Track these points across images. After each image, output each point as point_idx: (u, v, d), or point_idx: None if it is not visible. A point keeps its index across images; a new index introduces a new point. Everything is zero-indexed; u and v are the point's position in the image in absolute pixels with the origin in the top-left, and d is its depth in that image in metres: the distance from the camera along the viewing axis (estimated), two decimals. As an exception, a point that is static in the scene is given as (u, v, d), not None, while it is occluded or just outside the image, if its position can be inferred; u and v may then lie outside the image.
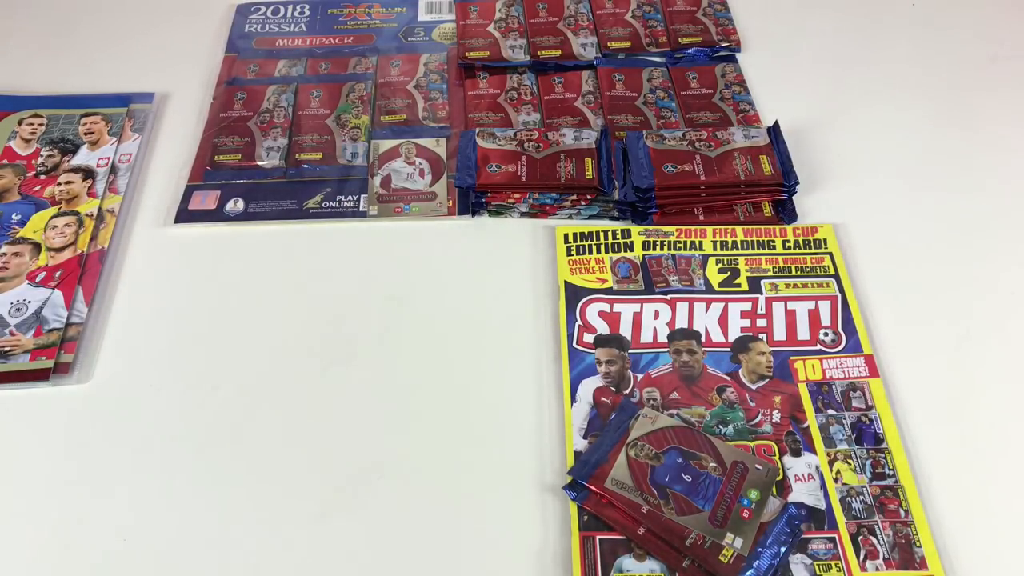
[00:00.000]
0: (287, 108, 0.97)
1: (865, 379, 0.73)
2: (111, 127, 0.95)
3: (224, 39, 1.07)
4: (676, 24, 1.05)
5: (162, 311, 0.80)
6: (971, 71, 1.00)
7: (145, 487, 0.69)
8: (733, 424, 0.70)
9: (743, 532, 0.63)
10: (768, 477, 0.67)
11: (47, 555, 0.65)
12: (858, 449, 0.69)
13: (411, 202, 0.88)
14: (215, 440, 0.71)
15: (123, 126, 0.95)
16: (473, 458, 0.69)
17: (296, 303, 0.80)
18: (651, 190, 0.84)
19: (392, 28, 1.08)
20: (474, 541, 0.65)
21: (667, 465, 0.67)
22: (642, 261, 0.81)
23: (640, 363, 0.74)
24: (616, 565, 0.63)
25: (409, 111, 0.97)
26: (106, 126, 0.95)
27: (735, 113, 0.96)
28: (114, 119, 0.96)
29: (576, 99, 0.98)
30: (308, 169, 0.91)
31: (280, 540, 0.66)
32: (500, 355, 0.76)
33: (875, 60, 1.02)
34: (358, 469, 0.69)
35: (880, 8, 1.09)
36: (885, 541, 0.64)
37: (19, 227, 0.85)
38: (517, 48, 1.03)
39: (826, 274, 0.80)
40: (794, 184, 0.84)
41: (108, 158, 0.92)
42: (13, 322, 0.77)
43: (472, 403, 0.73)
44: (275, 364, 0.76)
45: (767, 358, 0.74)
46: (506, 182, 0.85)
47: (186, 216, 0.87)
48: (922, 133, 0.94)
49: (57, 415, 0.73)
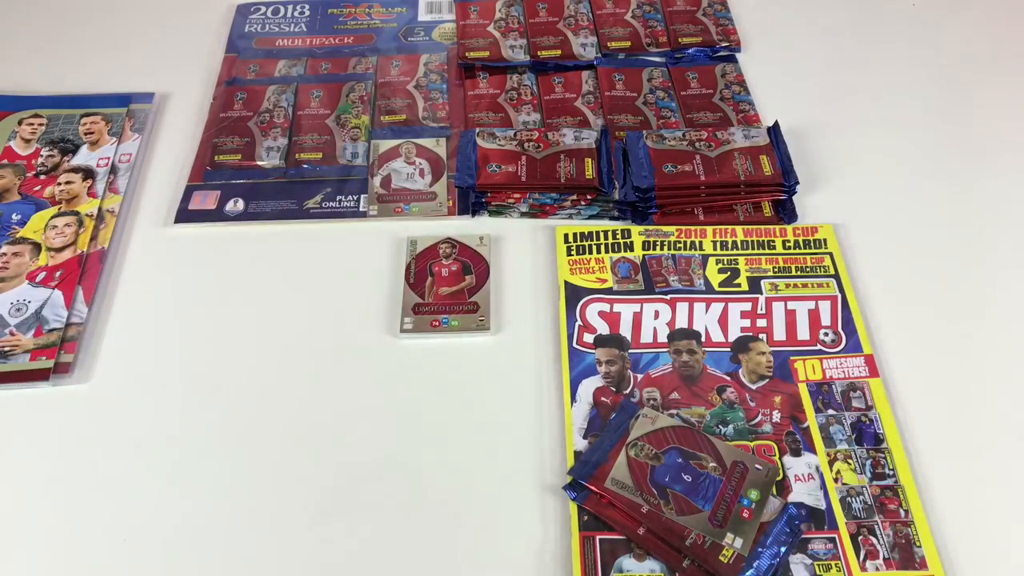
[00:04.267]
0: (287, 108, 0.97)
1: (865, 379, 0.73)
2: (111, 127, 0.95)
3: (224, 39, 1.07)
4: (676, 24, 1.05)
5: (162, 311, 0.80)
6: (971, 71, 1.00)
7: (145, 487, 0.69)
8: (733, 424, 0.70)
9: (743, 532, 0.63)
10: (768, 477, 0.67)
11: (47, 555, 0.65)
12: (858, 449, 0.69)
13: (411, 202, 0.88)
14: (215, 440, 0.71)
15: (123, 126, 0.95)
16: (473, 458, 0.70)
17: (296, 303, 0.80)
18: (651, 190, 0.84)
19: (392, 28, 1.08)
20: (474, 541, 0.65)
21: (667, 465, 0.67)
22: (642, 261, 0.81)
23: (640, 363, 0.74)
24: (616, 565, 0.63)
25: (409, 111, 0.97)
26: (106, 126, 0.95)
27: (735, 113, 0.96)
28: (114, 119, 0.96)
29: (576, 99, 0.98)
30: (308, 169, 0.91)
31: (280, 540, 0.66)
32: (500, 355, 0.76)
33: (875, 60, 1.02)
34: (358, 469, 0.69)
35: (880, 8, 1.09)
36: (885, 541, 0.64)
37: (19, 227, 0.85)
38: (517, 48, 1.03)
39: (826, 274, 0.80)
40: (794, 184, 0.84)
41: (108, 158, 0.92)
42: (13, 322, 0.77)
43: (472, 403, 0.73)
44: (275, 364, 0.76)
45: (767, 358, 0.74)
46: (506, 182, 0.85)
47: (186, 216, 0.87)
48: (922, 133, 0.94)
49: (57, 415, 0.73)
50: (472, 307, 0.78)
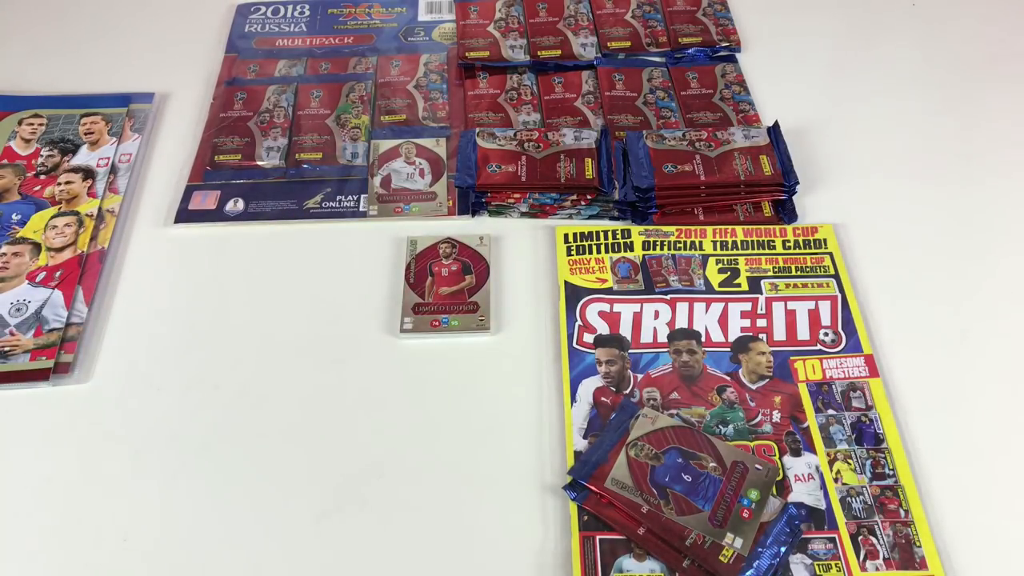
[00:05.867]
0: (287, 108, 0.97)
1: (865, 379, 0.73)
2: (111, 127, 0.95)
3: (224, 39, 1.07)
4: (676, 24, 1.05)
5: (162, 311, 0.80)
6: (971, 71, 1.00)
7: (145, 487, 0.69)
8: (733, 424, 0.70)
9: (743, 532, 0.63)
10: (768, 477, 0.67)
11: (47, 554, 0.65)
12: (858, 449, 0.69)
13: (411, 202, 0.88)
14: (215, 440, 0.71)
15: (123, 126, 0.95)
16: (473, 458, 0.70)
17: (296, 303, 0.80)
18: (651, 190, 0.84)
19: (392, 28, 1.08)
20: (474, 541, 0.65)
21: (667, 465, 0.67)
22: (642, 261, 0.81)
23: (640, 363, 0.74)
24: (616, 565, 0.63)
25: (409, 111, 0.97)
26: (106, 126, 0.95)
27: (735, 113, 0.96)
28: (114, 119, 0.96)
29: (576, 99, 0.98)
30: (308, 169, 0.91)
31: (280, 540, 0.66)
32: (500, 355, 0.76)
33: (875, 60, 1.02)
34: (358, 469, 0.69)
35: (880, 8, 1.09)
36: (885, 541, 0.64)
37: (19, 227, 0.85)
38: (517, 48, 1.03)
39: (826, 274, 0.80)
40: (794, 184, 0.84)
41: (108, 158, 0.92)
42: (13, 322, 0.77)
43: (472, 403, 0.73)
44: (275, 364, 0.76)
45: (767, 358, 0.74)
46: (506, 182, 0.85)
47: (186, 216, 0.87)
48: (922, 133, 0.94)
49: (57, 415, 0.73)
50: (472, 307, 0.78)
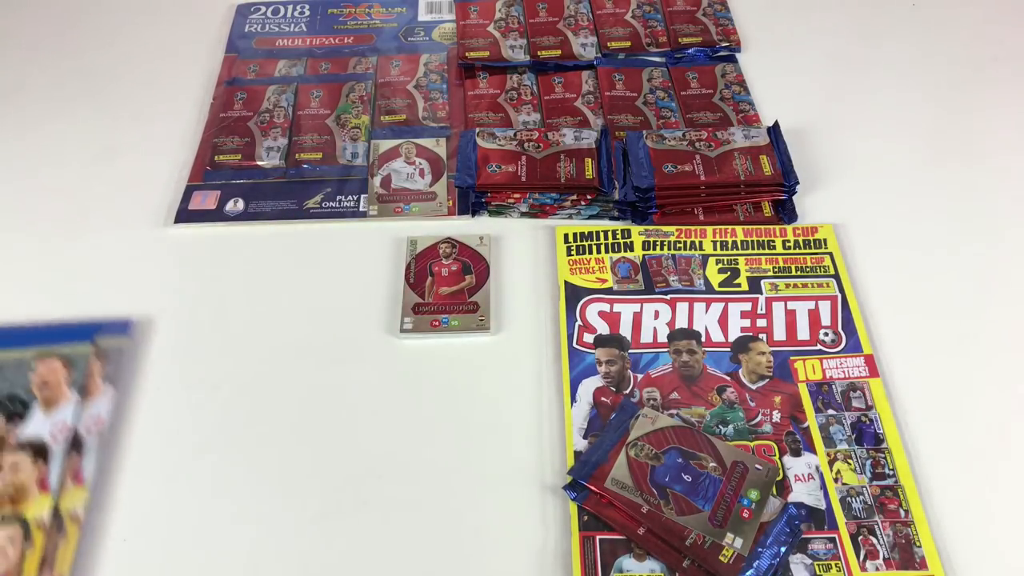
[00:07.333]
0: (287, 108, 0.97)
1: (865, 379, 0.73)
2: (72, 375, 0.68)
3: (224, 39, 1.07)
4: (676, 24, 1.05)
5: (162, 311, 0.80)
6: (971, 71, 1.00)
7: (145, 487, 0.68)
8: (733, 424, 0.70)
9: (743, 532, 0.63)
10: (768, 477, 0.67)
11: (47, 555, 0.65)
12: (858, 449, 0.69)
13: (411, 202, 0.88)
14: (215, 439, 0.71)
15: (89, 372, 0.68)
16: (473, 458, 0.69)
17: (296, 303, 0.80)
18: (651, 190, 0.84)
19: (392, 28, 1.08)
20: (474, 541, 0.65)
21: (667, 465, 0.67)
22: (642, 261, 0.81)
23: (640, 363, 0.74)
24: (616, 565, 0.63)
25: (409, 111, 0.97)
26: (66, 374, 0.67)
27: (735, 113, 0.96)
28: (76, 363, 0.68)
29: (576, 99, 0.98)
30: (308, 169, 0.91)
31: (280, 539, 0.66)
32: (500, 355, 0.76)
33: (875, 60, 1.02)
34: (359, 469, 0.69)
35: (880, 8, 1.09)
36: (885, 541, 0.64)
37: None
38: (517, 48, 1.03)
39: (826, 274, 0.80)
40: (794, 184, 0.84)
41: (67, 424, 0.65)
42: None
43: (472, 403, 0.73)
44: (275, 364, 0.76)
45: (767, 358, 0.74)
46: (506, 182, 0.85)
47: (186, 216, 0.87)
48: (922, 133, 0.94)
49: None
50: (472, 307, 0.78)
